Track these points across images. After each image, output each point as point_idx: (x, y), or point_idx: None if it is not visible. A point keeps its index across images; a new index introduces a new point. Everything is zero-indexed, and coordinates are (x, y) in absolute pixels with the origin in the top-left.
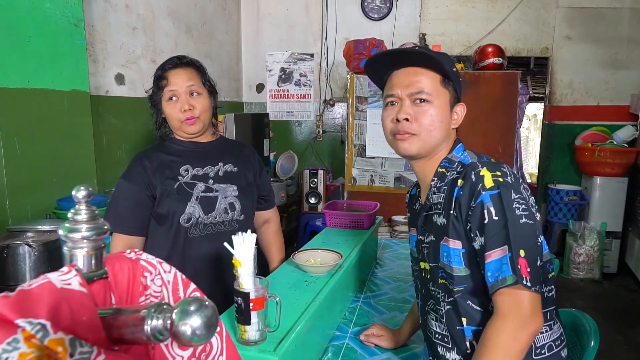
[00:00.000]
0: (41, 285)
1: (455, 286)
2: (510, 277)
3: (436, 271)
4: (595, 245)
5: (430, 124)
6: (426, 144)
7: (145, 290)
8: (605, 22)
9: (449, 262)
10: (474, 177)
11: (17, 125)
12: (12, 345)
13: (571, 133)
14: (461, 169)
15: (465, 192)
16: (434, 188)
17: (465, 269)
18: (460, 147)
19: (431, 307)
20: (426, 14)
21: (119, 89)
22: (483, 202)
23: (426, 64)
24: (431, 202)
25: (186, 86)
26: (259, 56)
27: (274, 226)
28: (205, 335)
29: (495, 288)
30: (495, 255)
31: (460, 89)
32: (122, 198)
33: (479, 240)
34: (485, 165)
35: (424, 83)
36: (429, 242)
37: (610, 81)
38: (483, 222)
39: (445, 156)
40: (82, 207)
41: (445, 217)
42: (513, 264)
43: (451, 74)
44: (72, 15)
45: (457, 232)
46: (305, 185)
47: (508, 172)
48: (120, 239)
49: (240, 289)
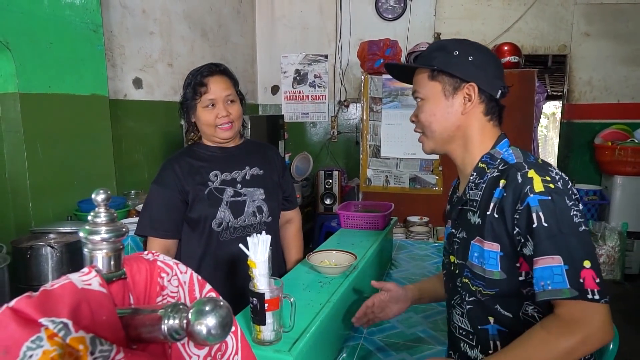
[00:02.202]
0: (63, 286)
1: (485, 289)
2: (567, 290)
3: (462, 269)
4: (617, 246)
5: (425, 119)
6: (433, 139)
7: (162, 291)
8: (625, 17)
9: (480, 263)
10: (520, 179)
11: (40, 130)
12: (36, 343)
13: (591, 131)
14: (503, 167)
15: (509, 194)
16: (472, 183)
17: (500, 273)
18: (505, 142)
19: (457, 301)
20: (441, 13)
21: (136, 92)
22: (530, 206)
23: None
24: (467, 197)
25: (225, 95)
26: (274, 58)
27: (295, 227)
28: (220, 335)
29: (545, 297)
30: (543, 262)
31: (469, 69)
32: (155, 203)
33: (530, 245)
34: (532, 167)
35: (416, 83)
36: (460, 239)
37: (631, 78)
38: (531, 226)
39: (487, 151)
40: (102, 210)
41: (480, 216)
42: (573, 276)
43: (441, 64)
44: (91, 22)
45: (496, 234)
46: (320, 186)
47: (557, 177)
48: (157, 243)
49: (256, 289)
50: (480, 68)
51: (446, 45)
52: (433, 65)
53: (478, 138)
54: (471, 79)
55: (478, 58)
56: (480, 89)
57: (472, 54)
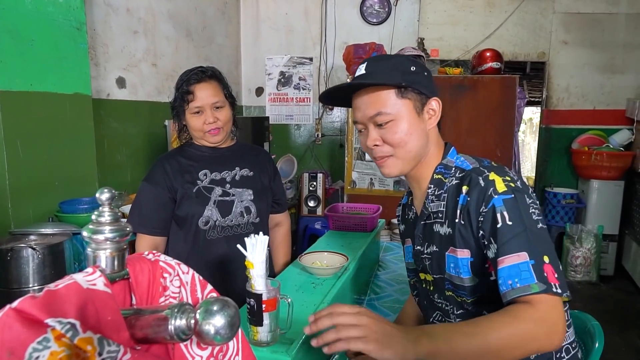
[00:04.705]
0: (68, 286)
1: (467, 297)
2: (535, 285)
3: (442, 283)
4: (592, 248)
5: (400, 141)
6: (405, 160)
7: (165, 291)
8: (601, 27)
9: (457, 273)
10: (483, 182)
11: (20, 129)
12: (43, 345)
13: (568, 137)
14: (461, 175)
15: (473, 198)
16: (432, 196)
17: (473, 278)
18: (453, 150)
19: (438, 319)
20: (424, 18)
21: (120, 92)
22: (495, 207)
23: (376, 84)
24: (430, 211)
25: (212, 102)
26: (259, 60)
27: (284, 230)
28: (227, 335)
29: (514, 295)
30: (510, 261)
31: (428, 85)
32: (145, 200)
33: (493, 247)
34: (492, 170)
35: (378, 103)
36: (431, 253)
37: (606, 85)
38: (495, 226)
39: (439, 162)
40: (106, 209)
41: (450, 226)
42: (538, 271)
43: (406, 82)
44: (74, 19)
45: (465, 240)
46: (304, 188)
47: (516, 177)
48: (145, 240)
49: (253, 290)
50: (433, 83)
51: (400, 62)
52: (401, 82)
53: (435, 151)
54: (432, 94)
55: (429, 73)
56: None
57: (425, 70)
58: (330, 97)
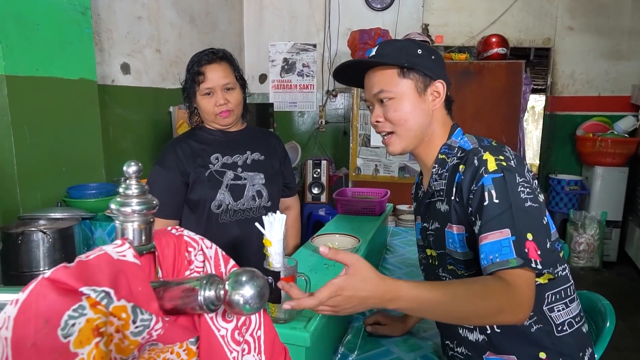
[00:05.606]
0: (99, 257)
1: (465, 271)
2: (513, 260)
3: (444, 258)
4: (596, 235)
5: (399, 118)
6: (406, 138)
7: (190, 265)
8: (607, 13)
9: (455, 248)
10: (477, 162)
11: (27, 114)
12: (79, 312)
13: (572, 123)
14: (462, 154)
15: (466, 177)
16: (435, 175)
17: (470, 253)
18: (459, 131)
19: None
20: (429, 4)
21: (124, 78)
22: (484, 185)
23: (380, 63)
24: (433, 189)
25: (222, 83)
26: (262, 47)
27: (293, 213)
28: (257, 305)
29: (493, 269)
30: (492, 237)
31: (434, 68)
32: (158, 184)
33: (479, 223)
34: (487, 150)
35: (382, 82)
36: (434, 230)
37: (611, 72)
38: (482, 204)
39: (444, 142)
40: (133, 182)
41: (447, 203)
42: (519, 247)
43: (410, 63)
44: (78, 3)
45: (460, 217)
46: (308, 175)
47: (511, 156)
48: (158, 223)
49: (271, 267)
50: (441, 66)
51: (407, 46)
52: (404, 63)
53: (440, 132)
54: (438, 77)
55: (437, 57)
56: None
57: (432, 54)
58: (344, 75)
